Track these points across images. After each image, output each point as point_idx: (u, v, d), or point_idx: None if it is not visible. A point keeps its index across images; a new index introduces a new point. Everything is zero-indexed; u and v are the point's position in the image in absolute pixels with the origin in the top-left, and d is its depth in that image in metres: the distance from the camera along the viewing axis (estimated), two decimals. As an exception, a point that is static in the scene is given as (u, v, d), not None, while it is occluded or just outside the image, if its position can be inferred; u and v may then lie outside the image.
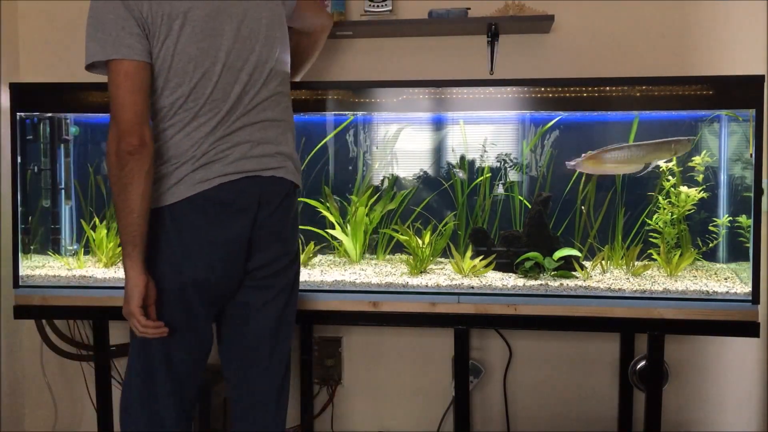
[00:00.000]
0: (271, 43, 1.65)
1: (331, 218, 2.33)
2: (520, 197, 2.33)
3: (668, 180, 2.19)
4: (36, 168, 2.28)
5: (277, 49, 1.67)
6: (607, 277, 2.12)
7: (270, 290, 1.70)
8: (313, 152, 2.47)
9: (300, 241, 1.84)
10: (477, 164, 2.37)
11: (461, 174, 2.32)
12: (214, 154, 1.56)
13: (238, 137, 1.59)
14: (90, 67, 1.53)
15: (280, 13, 1.70)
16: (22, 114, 2.18)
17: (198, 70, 1.54)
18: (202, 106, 1.55)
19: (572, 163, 2.14)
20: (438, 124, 2.42)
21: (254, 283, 1.67)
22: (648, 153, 2.11)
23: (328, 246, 2.40)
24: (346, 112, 2.35)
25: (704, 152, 2.18)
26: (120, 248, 1.57)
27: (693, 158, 2.18)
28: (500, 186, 2.35)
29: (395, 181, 2.41)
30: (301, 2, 1.84)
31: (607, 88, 1.98)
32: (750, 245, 1.95)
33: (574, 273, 2.10)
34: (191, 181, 1.55)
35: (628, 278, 2.09)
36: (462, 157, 2.37)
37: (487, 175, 2.33)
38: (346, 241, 2.33)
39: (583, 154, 2.13)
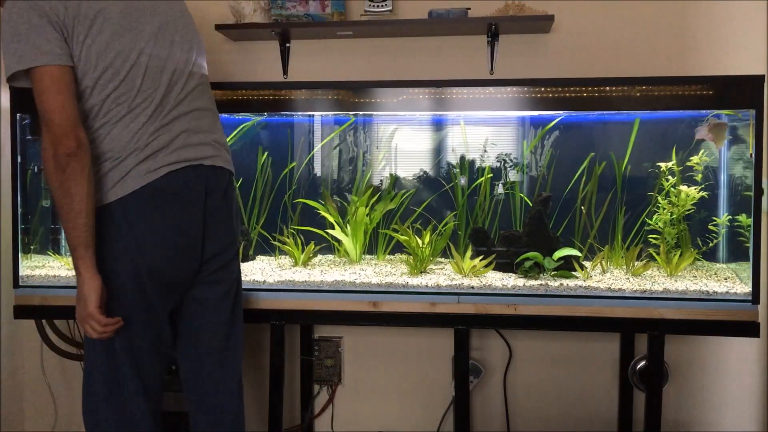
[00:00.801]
0: (190, 38, 1.70)
1: (331, 219, 2.33)
2: (521, 194, 2.33)
3: (667, 180, 2.19)
4: (36, 168, 2.28)
5: (195, 45, 1.71)
6: (607, 277, 2.12)
7: (222, 285, 1.74)
8: (312, 152, 2.47)
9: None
10: (477, 164, 2.37)
11: (462, 181, 2.32)
12: (156, 144, 1.58)
13: (175, 127, 1.62)
14: (11, 79, 1.51)
15: (190, 16, 1.75)
16: (22, 114, 2.18)
17: (126, 63, 1.56)
18: (134, 98, 1.56)
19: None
20: (438, 124, 2.42)
21: (207, 277, 1.71)
22: None
23: (328, 246, 2.40)
24: (346, 113, 2.35)
25: (702, 151, 2.18)
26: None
27: (691, 158, 2.18)
28: (500, 186, 2.36)
29: (395, 181, 2.41)
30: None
31: (607, 88, 1.97)
32: (750, 245, 1.95)
33: (574, 273, 2.10)
34: (137, 174, 1.56)
35: (628, 278, 2.09)
36: (462, 158, 2.37)
37: (488, 176, 2.33)
38: (346, 241, 2.33)
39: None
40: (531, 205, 2.24)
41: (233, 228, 1.77)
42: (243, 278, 2.11)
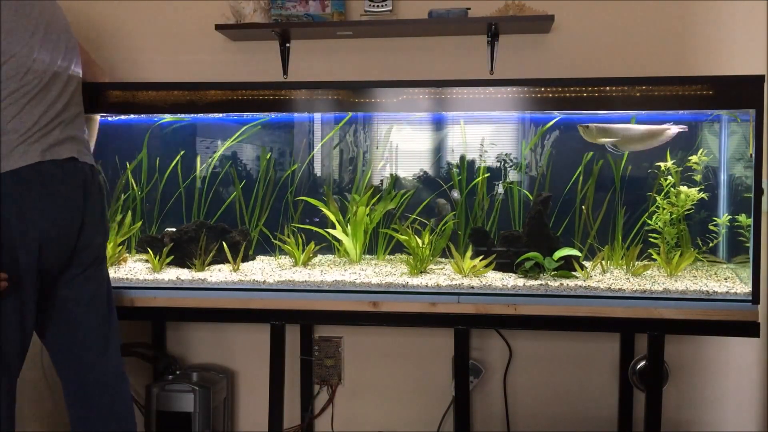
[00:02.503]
0: (70, 38, 1.84)
1: (332, 217, 2.33)
2: (526, 191, 2.33)
3: (667, 179, 2.19)
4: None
5: (75, 46, 1.86)
6: (607, 277, 2.12)
7: (93, 282, 1.81)
8: (313, 152, 2.47)
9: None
10: (477, 164, 2.37)
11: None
12: (46, 129, 1.68)
13: (59, 117, 1.73)
14: None
15: (66, 21, 1.86)
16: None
17: (19, 42, 1.64)
18: (24, 76, 1.65)
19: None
20: (438, 124, 2.42)
21: (80, 274, 1.77)
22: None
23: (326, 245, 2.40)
24: (346, 113, 2.35)
25: (701, 151, 2.18)
26: (120, 247, 1.60)
27: (690, 157, 2.18)
28: (500, 186, 2.36)
29: (395, 181, 2.41)
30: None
31: (607, 88, 1.97)
32: (750, 245, 1.95)
33: (574, 273, 2.10)
34: (25, 151, 1.63)
35: (628, 278, 2.09)
36: (462, 157, 2.37)
37: (486, 175, 2.33)
38: (346, 241, 2.33)
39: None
40: (531, 197, 2.24)
41: (105, 227, 1.87)
42: (243, 278, 2.12)
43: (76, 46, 1.88)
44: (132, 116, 2.39)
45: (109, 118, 2.34)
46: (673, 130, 2.10)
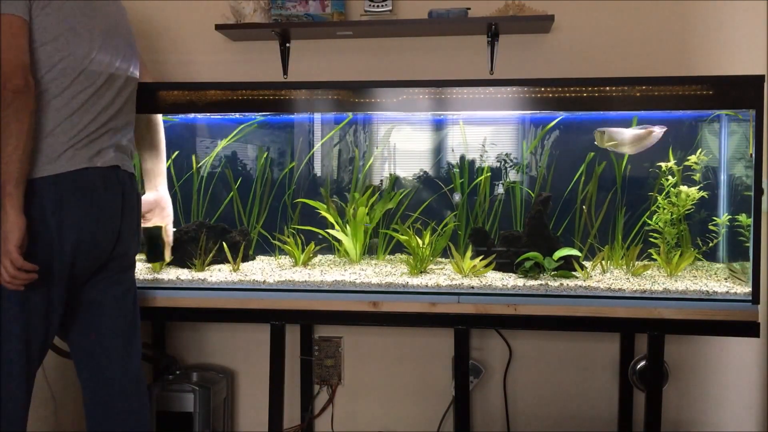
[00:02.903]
0: (127, 50, 1.82)
1: (330, 218, 2.33)
2: (527, 189, 2.33)
3: (667, 179, 2.19)
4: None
5: (133, 51, 1.86)
6: (607, 277, 2.12)
7: (121, 285, 1.81)
8: (312, 152, 2.47)
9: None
10: (477, 164, 2.37)
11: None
12: (92, 134, 1.67)
13: (109, 123, 1.72)
14: None
15: (129, 24, 1.87)
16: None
17: (77, 39, 1.65)
18: (78, 75, 1.64)
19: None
20: (438, 124, 2.42)
21: (110, 277, 1.78)
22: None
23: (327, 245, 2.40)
24: (346, 113, 2.35)
25: (700, 151, 2.18)
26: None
27: (689, 157, 2.18)
28: (500, 186, 2.36)
29: (395, 181, 2.41)
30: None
31: (607, 88, 1.97)
32: (750, 245, 1.95)
33: (574, 273, 2.10)
34: (71, 156, 1.63)
35: (628, 278, 2.09)
36: (462, 157, 2.37)
37: (487, 175, 2.33)
38: (346, 241, 2.33)
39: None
40: (533, 194, 2.24)
41: (139, 239, 1.88)
42: (243, 278, 2.12)
43: (136, 52, 1.89)
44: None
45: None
46: (657, 131, 2.10)
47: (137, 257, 1.91)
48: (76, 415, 2.62)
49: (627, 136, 2.12)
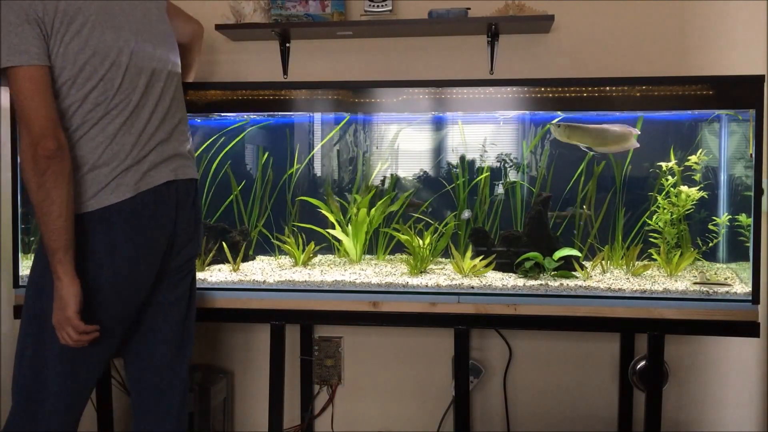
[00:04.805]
0: (166, 36, 1.70)
1: (332, 218, 2.33)
2: (530, 187, 2.33)
3: (667, 179, 2.19)
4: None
5: (171, 43, 1.73)
6: (607, 277, 2.12)
7: (178, 289, 1.77)
8: (312, 152, 2.47)
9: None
10: (477, 164, 2.37)
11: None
12: (135, 155, 1.58)
13: (154, 136, 1.62)
14: None
15: (163, 12, 1.74)
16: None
17: (105, 62, 1.54)
18: (112, 99, 1.55)
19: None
20: (438, 124, 2.42)
21: (164, 287, 1.73)
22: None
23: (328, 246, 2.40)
24: (346, 113, 2.35)
25: (700, 151, 2.18)
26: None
27: (689, 157, 2.18)
28: (500, 186, 2.36)
29: (396, 181, 2.41)
30: (170, 8, 1.85)
31: (607, 88, 1.97)
32: (750, 245, 1.95)
33: (574, 273, 2.10)
34: (116, 186, 1.56)
35: (628, 278, 2.09)
36: (462, 158, 2.37)
37: (486, 174, 2.33)
38: (347, 241, 2.33)
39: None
40: (534, 191, 2.24)
41: (198, 241, 1.79)
42: (243, 278, 2.12)
43: (172, 35, 1.75)
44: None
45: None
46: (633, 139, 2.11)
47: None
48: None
49: (608, 135, 2.12)
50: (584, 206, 2.30)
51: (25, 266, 2.20)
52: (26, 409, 1.58)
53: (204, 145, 2.40)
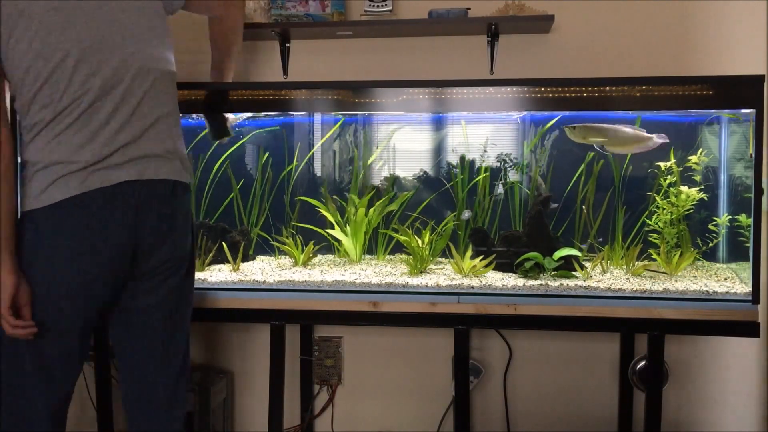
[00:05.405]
0: (144, 33, 1.61)
1: (331, 218, 2.33)
2: (527, 188, 2.33)
3: (666, 179, 2.19)
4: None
5: (152, 40, 1.63)
6: (607, 277, 2.12)
7: (154, 295, 1.69)
8: (311, 152, 2.47)
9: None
10: (477, 164, 2.37)
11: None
12: (88, 156, 1.53)
13: (115, 138, 1.56)
14: None
15: (148, 6, 1.64)
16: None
17: (48, 65, 1.51)
18: (59, 101, 1.52)
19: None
20: (438, 124, 2.42)
21: (141, 290, 1.67)
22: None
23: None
24: (346, 113, 2.35)
25: (701, 151, 2.18)
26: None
27: (689, 158, 2.18)
28: (500, 186, 2.36)
29: (394, 181, 2.42)
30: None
31: (607, 88, 1.97)
32: (750, 245, 1.95)
33: (574, 273, 2.10)
34: (62, 185, 1.52)
35: (628, 278, 2.09)
36: (462, 158, 2.37)
37: (485, 174, 2.33)
38: (346, 241, 2.33)
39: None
40: (530, 192, 2.24)
41: (177, 243, 1.69)
42: (243, 278, 2.12)
43: (162, 30, 1.67)
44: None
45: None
46: (656, 140, 2.10)
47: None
48: (76, 415, 2.62)
49: (623, 135, 2.12)
50: (583, 206, 2.30)
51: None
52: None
53: (191, 145, 2.41)
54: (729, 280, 2.05)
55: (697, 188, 2.16)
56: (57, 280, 1.56)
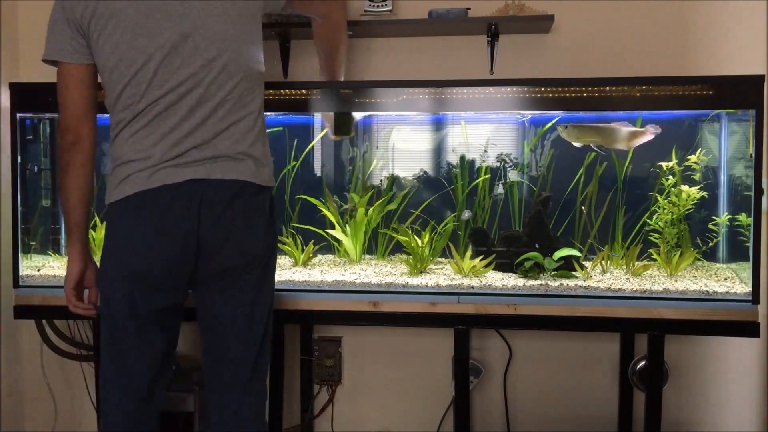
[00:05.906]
0: (225, 39, 1.58)
1: (331, 218, 2.33)
2: (531, 186, 2.33)
3: (668, 179, 2.19)
4: (36, 168, 2.28)
5: (234, 45, 1.60)
6: (607, 277, 2.12)
7: (232, 302, 1.68)
8: (307, 152, 2.47)
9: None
10: (477, 164, 2.37)
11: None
12: (159, 155, 1.56)
13: (186, 140, 1.56)
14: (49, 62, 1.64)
15: (240, 8, 1.62)
16: (23, 114, 2.18)
17: (131, 68, 1.54)
18: (138, 103, 1.55)
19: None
20: (438, 124, 2.42)
21: (218, 291, 1.66)
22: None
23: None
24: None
25: (700, 150, 2.18)
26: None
27: (689, 157, 2.18)
28: (500, 186, 2.36)
29: (394, 181, 2.41)
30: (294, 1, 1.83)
31: (607, 88, 1.97)
32: (750, 245, 1.95)
33: (574, 273, 2.10)
34: (134, 180, 1.57)
35: (628, 278, 2.09)
36: (462, 158, 2.37)
37: (486, 176, 2.33)
38: (346, 241, 2.33)
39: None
40: (535, 191, 2.24)
41: (243, 250, 1.63)
42: (243, 278, 2.11)
43: (252, 28, 1.64)
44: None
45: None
46: (649, 133, 2.10)
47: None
48: (76, 414, 2.62)
49: (620, 132, 2.12)
50: (583, 206, 2.29)
51: (25, 266, 2.20)
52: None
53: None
54: (729, 280, 2.05)
55: (697, 188, 2.16)
56: (120, 267, 1.60)
